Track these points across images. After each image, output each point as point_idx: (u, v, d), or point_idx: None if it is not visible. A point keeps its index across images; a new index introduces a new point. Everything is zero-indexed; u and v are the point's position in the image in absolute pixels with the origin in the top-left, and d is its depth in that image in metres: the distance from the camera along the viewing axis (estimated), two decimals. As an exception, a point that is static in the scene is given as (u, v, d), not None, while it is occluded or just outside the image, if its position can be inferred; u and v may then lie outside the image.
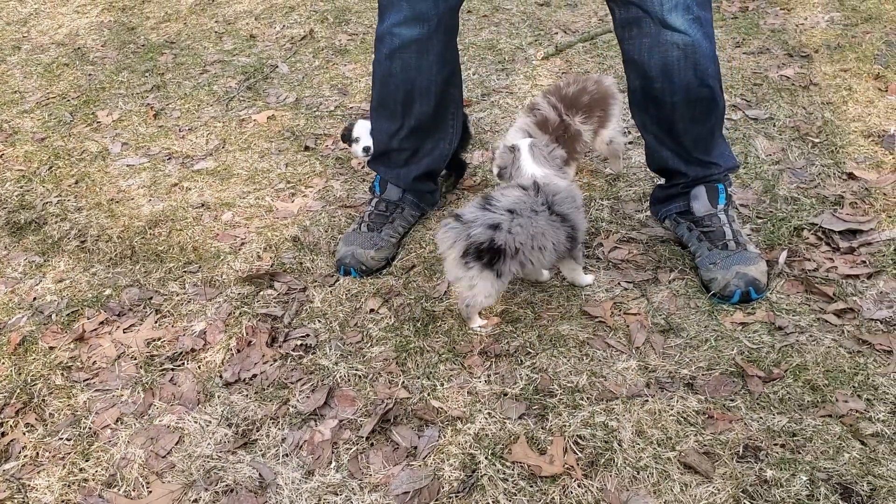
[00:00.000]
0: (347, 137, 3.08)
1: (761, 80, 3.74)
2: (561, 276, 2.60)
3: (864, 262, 2.52)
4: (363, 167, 3.33)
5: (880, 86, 3.55)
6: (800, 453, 1.92)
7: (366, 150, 2.98)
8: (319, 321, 2.49)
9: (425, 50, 2.53)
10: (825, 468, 1.86)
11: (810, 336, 2.27)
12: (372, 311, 2.52)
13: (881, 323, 2.28)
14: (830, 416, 2.01)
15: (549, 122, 2.78)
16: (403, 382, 2.24)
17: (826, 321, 2.32)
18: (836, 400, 2.05)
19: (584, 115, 2.86)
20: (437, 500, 1.89)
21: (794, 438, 1.95)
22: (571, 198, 2.37)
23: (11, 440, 2.14)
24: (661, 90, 2.44)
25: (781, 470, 1.87)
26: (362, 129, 2.99)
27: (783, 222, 2.74)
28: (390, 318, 2.49)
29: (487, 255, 2.22)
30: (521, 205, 2.26)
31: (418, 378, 2.25)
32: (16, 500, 1.97)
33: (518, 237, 2.22)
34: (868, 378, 2.10)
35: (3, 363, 2.40)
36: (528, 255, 2.27)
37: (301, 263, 2.77)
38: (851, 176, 2.96)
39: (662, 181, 2.72)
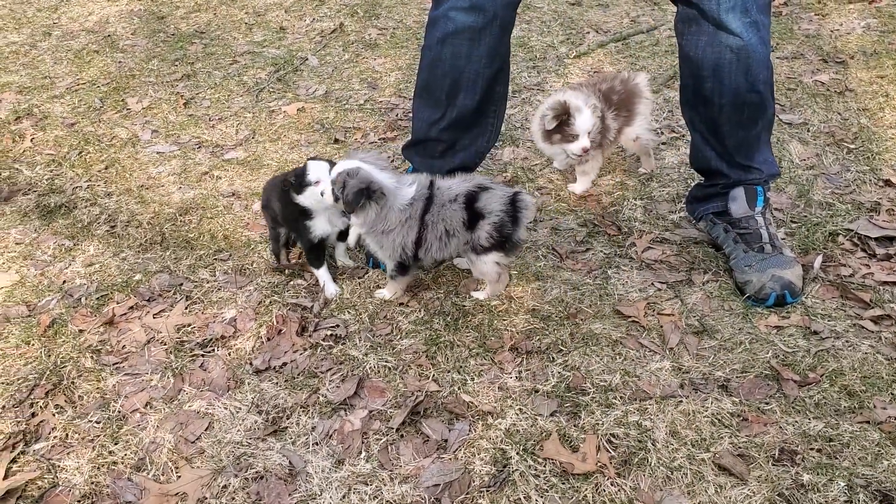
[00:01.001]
0: (300, 183, 2.43)
1: (795, 85, 3.70)
2: (593, 272, 2.59)
3: (902, 268, 2.49)
4: (393, 161, 3.32)
5: (917, 93, 3.52)
6: (837, 459, 1.89)
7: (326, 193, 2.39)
8: (349, 312, 2.48)
9: (477, 39, 2.49)
10: (863, 474, 1.84)
11: (846, 341, 2.24)
12: (401, 304, 2.51)
13: (920, 330, 2.25)
14: (868, 422, 1.98)
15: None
16: (433, 376, 2.22)
17: (862, 327, 2.29)
18: (874, 406, 2.02)
19: (613, 110, 2.86)
20: (467, 493, 1.87)
21: (831, 443, 1.93)
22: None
23: (41, 421, 2.14)
24: (710, 90, 2.42)
25: (818, 475, 1.84)
26: (319, 171, 2.41)
27: (818, 227, 2.71)
28: (419, 311, 2.47)
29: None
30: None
31: (448, 372, 2.23)
32: (46, 480, 1.96)
33: None
34: (907, 385, 2.08)
35: (34, 345, 2.40)
36: None
37: (330, 255, 2.76)
38: (888, 182, 2.92)
39: (701, 180, 2.70)
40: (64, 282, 2.69)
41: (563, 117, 2.79)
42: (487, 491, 1.87)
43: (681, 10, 2.43)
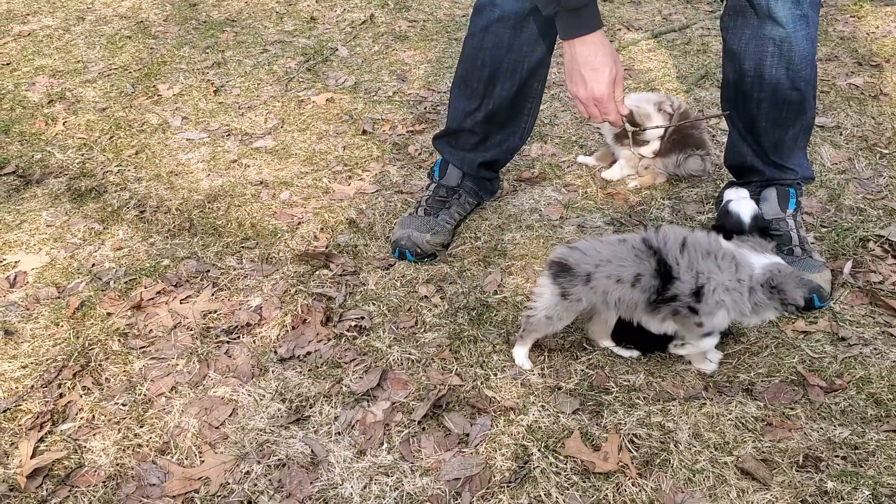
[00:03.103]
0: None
1: (829, 88, 3.66)
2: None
3: (933, 277, 2.45)
4: (420, 154, 3.33)
5: (953, 99, 3.47)
6: (862, 467, 1.87)
7: None
8: (373, 304, 2.49)
9: (521, 27, 2.47)
10: (889, 484, 1.82)
11: (874, 349, 2.22)
12: (425, 297, 2.51)
13: (950, 340, 2.23)
14: (895, 431, 1.96)
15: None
16: (457, 370, 2.23)
17: (891, 335, 2.27)
18: (902, 415, 2.00)
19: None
20: (488, 488, 1.88)
21: (857, 451, 1.91)
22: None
23: (69, 402, 2.16)
24: (750, 84, 2.40)
25: (843, 482, 1.83)
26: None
27: (848, 232, 2.68)
28: (444, 305, 2.48)
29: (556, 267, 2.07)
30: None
31: (471, 366, 2.24)
32: (72, 460, 1.99)
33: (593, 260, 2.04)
34: (935, 395, 2.05)
35: (62, 326, 2.43)
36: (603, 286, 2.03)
37: (356, 246, 2.77)
38: (921, 189, 2.89)
39: (733, 179, 2.68)
40: (93, 265, 2.72)
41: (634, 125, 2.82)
42: (508, 487, 1.88)
43: (729, 2, 2.42)
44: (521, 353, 2.23)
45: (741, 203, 2.38)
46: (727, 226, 2.34)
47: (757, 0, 2.29)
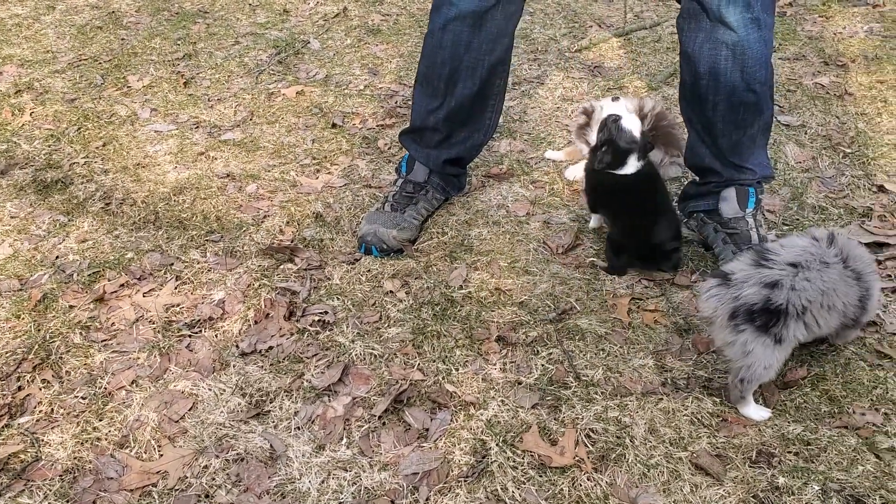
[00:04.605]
0: None
1: (795, 87, 3.70)
2: (582, 267, 2.60)
3: (890, 275, 2.49)
4: (390, 148, 3.33)
5: (916, 100, 3.51)
6: (813, 462, 1.91)
7: None
8: (338, 299, 2.49)
9: (479, 25, 2.48)
10: (838, 479, 1.85)
11: (830, 346, 2.25)
12: (390, 292, 2.52)
13: (903, 338, 2.27)
14: (846, 427, 2.00)
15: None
16: (419, 365, 2.24)
17: (847, 332, 2.30)
18: (853, 412, 2.04)
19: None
20: (445, 482, 1.89)
21: (809, 447, 1.94)
22: (870, 259, 2.12)
23: (28, 395, 2.15)
24: (706, 87, 2.42)
25: (794, 478, 1.86)
26: None
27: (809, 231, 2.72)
28: (409, 300, 2.49)
29: (762, 317, 1.93)
30: (808, 257, 1.97)
31: (434, 361, 2.25)
32: (29, 454, 1.98)
33: (805, 294, 1.93)
34: (887, 392, 2.09)
35: (23, 319, 2.42)
36: (817, 316, 1.95)
37: (322, 240, 2.77)
38: (881, 188, 2.93)
39: (695, 178, 2.71)
40: (57, 257, 2.71)
41: (588, 124, 2.91)
42: (465, 481, 1.89)
43: (683, 5, 2.44)
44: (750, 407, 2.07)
45: (630, 119, 2.48)
46: (622, 143, 2.48)
47: (709, 4, 2.31)
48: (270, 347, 2.30)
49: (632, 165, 2.50)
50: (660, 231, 2.50)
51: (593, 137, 2.86)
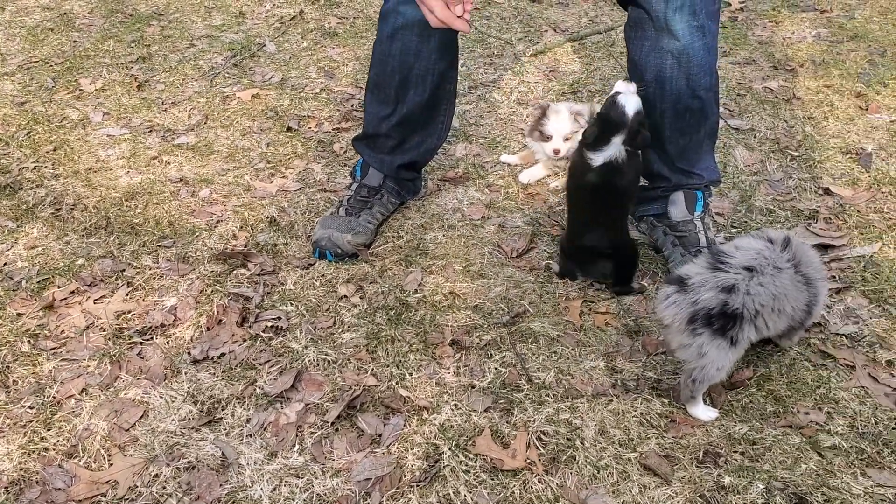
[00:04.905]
0: None
1: (745, 91, 3.77)
2: (536, 270, 2.62)
3: (834, 277, 2.55)
4: (345, 152, 3.33)
5: (861, 104, 3.59)
6: (758, 461, 1.95)
7: None
8: (291, 304, 2.49)
9: (427, 34, 2.49)
10: (782, 477, 1.90)
11: (775, 347, 2.30)
12: (345, 297, 2.52)
13: (846, 338, 2.32)
14: (791, 426, 2.04)
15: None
16: (373, 370, 2.24)
17: (793, 333, 2.35)
18: (798, 411, 2.08)
19: None
20: (398, 488, 1.90)
21: (754, 447, 1.98)
22: (820, 265, 2.17)
23: (-27, 405, 2.12)
24: (652, 95, 2.46)
25: (739, 477, 1.90)
26: None
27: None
28: (363, 305, 2.49)
29: (720, 320, 1.96)
30: (762, 261, 2.01)
31: (388, 366, 2.25)
32: (-26, 466, 1.95)
33: (758, 298, 1.97)
34: (830, 391, 2.14)
35: (-30, 327, 2.38)
36: (767, 319, 2.00)
37: (276, 245, 2.76)
38: (827, 191, 2.99)
39: (645, 183, 2.74)
40: (4, 264, 2.67)
41: (542, 117, 2.97)
42: (418, 486, 1.90)
43: (630, 14, 2.47)
44: (700, 408, 2.11)
45: (629, 98, 2.38)
46: (612, 115, 2.36)
47: (655, 13, 2.35)
48: (223, 354, 2.29)
49: (611, 150, 2.36)
50: (591, 237, 2.47)
51: (548, 129, 2.94)
